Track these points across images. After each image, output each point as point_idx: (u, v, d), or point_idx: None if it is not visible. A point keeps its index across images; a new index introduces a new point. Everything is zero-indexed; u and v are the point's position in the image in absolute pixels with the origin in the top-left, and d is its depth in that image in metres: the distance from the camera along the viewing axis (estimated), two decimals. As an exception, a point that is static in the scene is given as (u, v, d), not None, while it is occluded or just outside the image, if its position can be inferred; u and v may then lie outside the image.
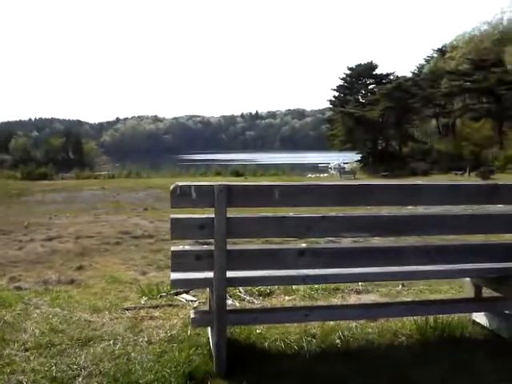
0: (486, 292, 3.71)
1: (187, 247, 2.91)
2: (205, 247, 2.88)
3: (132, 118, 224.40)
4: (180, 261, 2.86)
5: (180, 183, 2.74)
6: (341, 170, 47.19)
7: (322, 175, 51.80)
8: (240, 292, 4.48)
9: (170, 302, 4.35)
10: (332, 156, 74.24)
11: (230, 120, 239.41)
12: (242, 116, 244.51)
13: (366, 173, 50.63)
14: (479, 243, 3.32)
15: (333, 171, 53.74)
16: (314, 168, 64.12)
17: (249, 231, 2.91)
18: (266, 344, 3.28)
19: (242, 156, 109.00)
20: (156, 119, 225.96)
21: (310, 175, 50.67)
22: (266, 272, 2.94)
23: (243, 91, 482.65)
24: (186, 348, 3.15)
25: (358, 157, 60.87)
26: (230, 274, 2.84)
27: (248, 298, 4.39)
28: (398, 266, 3.12)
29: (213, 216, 2.73)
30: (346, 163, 60.02)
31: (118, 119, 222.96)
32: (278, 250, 2.96)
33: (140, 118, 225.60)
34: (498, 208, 3.59)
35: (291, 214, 2.87)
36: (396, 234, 3.39)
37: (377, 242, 5.07)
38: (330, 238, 5.59)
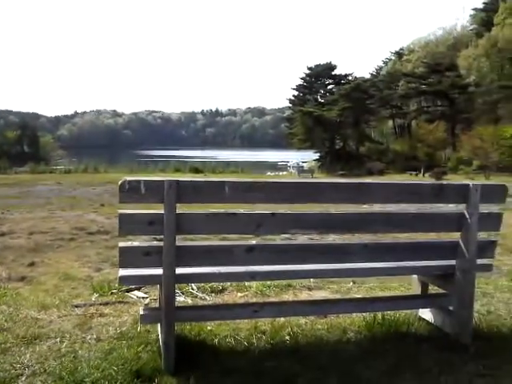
0: (434, 289, 3.82)
1: (135, 243, 2.88)
2: (154, 243, 2.85)
3: (90, 111, 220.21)
4: (128, 257, 2.83)
5: (129, 178, 2.70)
6: (299, 169, 47.64)
7: (280, 173, 52.13)
8: (192, 289, 4.47)
9: (121, 299, 4.30)
10: (291, 155, 74.89)
11: (191, 116, 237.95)
12: (203, 113, 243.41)
13: (324, 172, 51.28)
14: (425, 241, 3.42)
15: (291, 170, 54.20)
16: (274, 166, 64.48)
17: (198, 227, 2.91)
18: (216, 341, 3.28)
19: (202, 153, 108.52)
20: (115, 114, 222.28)
21: (269, 173, 50.92)
22: (215, 269, 2.94)
23: (204, 88, 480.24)
24: (134, 345, 3.12)
25: (317, 156, 61.59)
26: (179, 270, 2.83)
27: (200, 294, 4.38)
28: (347, 263, 3.18)
29: (162, 212, 2.71)
30: (305, 162, 60.67)
31: (76, 113, 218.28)
32: (227, 247, 2.96)
33: (99, 112, 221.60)
34: (443, 207, 3.69)
35: (241, 211, 2.88)
36: (345, 232, 3.45)
37: (330, 239, 5.13)
38: (287, 235, 5.64)
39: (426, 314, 3.69)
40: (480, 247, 3.27)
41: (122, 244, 2.83)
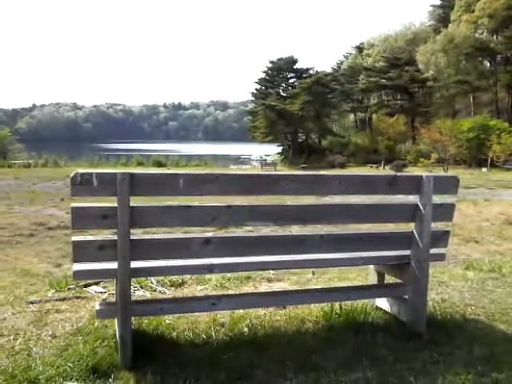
0: (391, 279, 3.88)
1: (89, 237, 2.82)
2: (108, 237, 2.80)
3: (49, 104, 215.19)
4: (82, 251, 2.77)
5: (81, 171, 2.64)
6: (262, 162, 47.83)
7: (244, 167, 52.22)
8: (152, 283, 4.43)
9: (78, 294, 4.22)
10: (254, 148, 74.99)
11: (153, 109, 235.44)
12: (165, 106, 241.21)
13: (287, 165, 51.61)
14: (381, 232, 3.47)
15: (255, 163, 54.36)
16: (237, 159, 64.49)
17: (153, 221, 2.87)
18: (175, 334, 3.26)
19: (165, 146, 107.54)
20: (75, 107, 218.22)
21: (232, 166, 50.93)
22: (172, 262, 2.91)
23: (166, 81, 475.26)
24: (91, 341, 3.06)
25: (280, 149, 61.90)
26: (134, 264, 2.79)
27: (160, 288, 4.34)
28: (304, 254, 3.20)
29: (116, 205, 2.67)
30: (268, 155, 60.92)
31: (34, 106, 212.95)
32: (184, 240, 2.93)
33: (58, 104, 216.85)
34: (398, 198, 3.75)
35: (196, 204, 2.86)
36: (301, 223, 3.47)
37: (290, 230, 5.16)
38: (249, 228, 5.64)
39: (383, 303, 3.76)
40: (434, 237, 3.34)
41: (75, 238, 2.77)
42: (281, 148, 62.76)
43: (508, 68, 54.67)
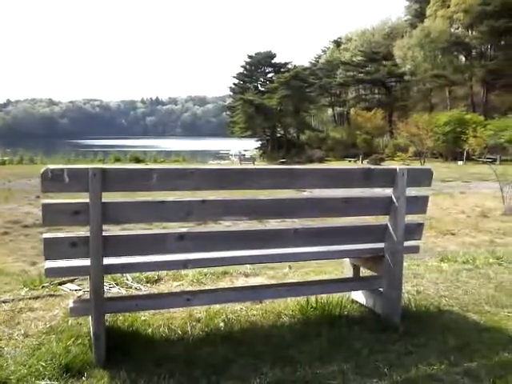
0: (367, 272, 3.90)
1: (61, 234, 2.77)
2: (80, 233, 2.76)
3: (25, 100, 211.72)
4: (54, 248, 2.73)
5: (51, 166, 2.60)
6: (241, 157, 47.79)
7: (222, 162, 52.13)
8: (127, 279, 4.39)
9: (52, 293, 4.16)
10: (233, 143, 74.85)
11: (130, 105, 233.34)
12: (143, 101, 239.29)
13: (266, 160, 51.65)
14: (355, 225, 3.47)
15: (233, 158, 54.29)
16: (216, 155, 64.35)
17: (126, 216, 2.85)
18: (150, 330, 3.23)
19: (143, 142, 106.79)
20: (51, 102, 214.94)
21: (211, 162, 50.81)
22: (146, 258, 2.88)
23: (143, 76, 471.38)
24: (64, 339, 3.01)
25: (258, 144, 61.92)
26: (107, 260, 2.76)
27: (135, 285, 4.31)
28: (279, 248, 3.20)
29: (87, 201, 2.63)
30: (247, 150, 60.89)
31: (8, 101, 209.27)
32: (157, 235, 2.91)
33: (33, 100, 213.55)
34: (372, 191, 3.77)
35: (170, 199, 2.83)
36: (276, 217, 3.47)
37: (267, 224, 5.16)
38: (228, 223, 5.62)
39: (358, 296, 3.78)
40: (408, 229, 3.37)
41: (46, 235, 2.73)
42: (259, 143, 62.76)
43: (483, 62, 55.48)
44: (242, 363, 2.82)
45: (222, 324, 3.37)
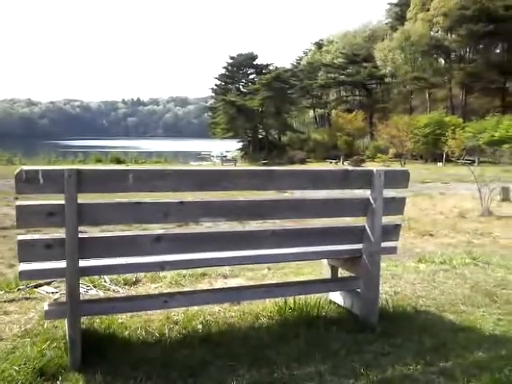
0: (345, 273, 3.92)
1: (36, 236, 2.74)
2: (55, 235, 2.72)
3: (3, 100, 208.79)
4: (29, 250, 2.69)
5: (25, 167, 2.57)
6: (223, 158, 47.76)
7: (204, 163, 52.03)
8: (105, 282, 4.35)
9: (28, 295, 4.10)
10: (215, 144, 74.75)
11: (111, 105, 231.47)
12: (124, 102, 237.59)
13: (247, 161, 51.68)
14: (333, 226, 3.48)
15: (215, 159, 54.21)
16: (197, 156, 64.18)
17: (103, 218, 2.81)
18: (127, 333, 3.20)
19: (124, 143, 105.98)
20: (30, 103, 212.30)
21: (192, 163, 50.68)
22: (123, 260, 2.86)
23: (124, 76, 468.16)
24: (39, 342, 2.98)
25: (240, 145, 61.91)
26: (84, 262, 2.73)
27: (113, 287, 4.27)
28: (257, 249, 3.20)
29: (63, 202, 2.60)
30: (228, 151, 60.85)
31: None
32: (134, 237, 2.89)
33: (12, 101, 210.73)
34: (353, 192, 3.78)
35: (147, 200, 2.82)
36: (254, 218, 3.47)
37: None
38: (209, 224, 5.61)
39: (337, 297, 3.79)
40: (385, 231, 3.39)
41: (21, 237, 2.69)
42: (241, 144, 62.77)
43: (462, 66, 56.15)
44: (219, 365, 2.82)
45: (199, 326, 3.36)
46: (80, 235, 2.67)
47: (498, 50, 59.94)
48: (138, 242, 2.87)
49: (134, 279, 4.45)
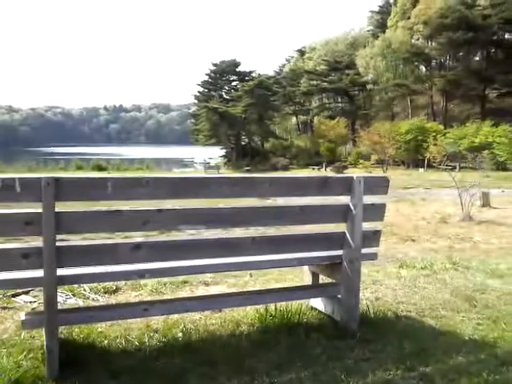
0: (326, 279, 3.92)
1: (12, 245, 2.70)
2: (32, 244, 2.69)
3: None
4: (5, 260, 2.65)
5: (2, 176, 2.53)
6: (206, 165, 47.69)
7: (187, 170, 51.94)
8: (84, 290, 4.30)
9: (5, 305, 4.04)
10: (198, 151, 74.63)
11: (93, 112, 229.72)
12: (106, 108, 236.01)
13: (230, 168, 51.68)
14: (313, 233, 3.49)
15: (198, 166, 54.15)
16: (180, 162, 64.01)
17: (81, 226, 2.79)
18: (106, 342, 3.18)
19: (106, 150, 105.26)
20: (11, 109, 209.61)
21: (175, 170, 50.54)
22: (101, 268, 2.84)
23: (106, 83, 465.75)
24: (16, 353, 2.93)
25: (223, 152, 61.90)
26: (61, 271, 2.70)
27: (93, 296, 4.23)
28: (237, 256, 3.19)
29: (40, 211, 2.57)
30: (211, 158, 60.81)
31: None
32: (112, 245, 2.86)
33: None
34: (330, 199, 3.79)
35: (126, 208, 2.80)
36: (234, 226, 3.46)
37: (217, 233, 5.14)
38: (191, 232, 5.57)
39: (318, 303, 3.80)
40: (365, 237, 3.41)
41: (-3, 246, 2.65)
42: (224, 151, 62.75)
43: (442, 73, 56.86)
44: (199, 373, 2.80)
45: (180, 334, 3.34)
46: (58, 244, 2.65)
47: (477, 58, 60.83)
48: (117, 250, 2.85)
49: (114, 287, 4.41)
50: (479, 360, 3.06)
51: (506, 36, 58.08)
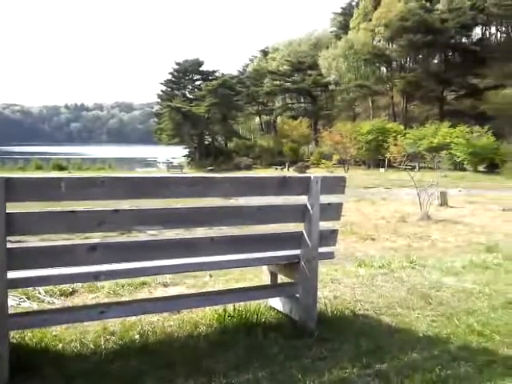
0: (285, 279, 3.94)
1: (-40, 247, 2.61)
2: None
3: None
4: (-48, 263, 2.56)
5: (-51, 177, 2.45)
6: (169, 165, 47.35)
7: (150, 169, 51.45)
8: (39, 293, 4.20)
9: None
10: (161, 150, 74.00)
11: (53, 110, 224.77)
12: (67, 106, 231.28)
13: (194, 167, 51.44)
14: (271, 233, 3.49)
15: (161, 166, 53.71)
16: (143, 162, 63.37)
17: (34, 228, 2.72)
18: (61, 346, 3.11)
19: (67, 149, 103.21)
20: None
21: (138, 169, 49.99)
22: (55, 271, 2.77)
23: (67, 81, 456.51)
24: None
25: (186, 151, 61.55)
26: (12, 274, 2.63)
27: (48, 298, 4.13)
28: (196, 257, 3.17)
29: (-9, 212, 2.49)
30: (174, 158, 60.40)
31: None
32: (67, 247, 2.80)
33: None
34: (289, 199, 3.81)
35: (81, 208, 2.74)
36: (192, 226, 3.44)
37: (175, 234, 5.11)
38: (153, 232, 5.52)
39: (276, 303, 3.81)
40: (322, 236, 3.44)
41: None
42: (187, 150, 62.38)
43: (402, 74, 57.95)
44: (155, 376, 2.77)
45: (137, 336, 3.30)
46: (9, 246, 2.57)
47: (436, 61, 62.26)
48: (71, 252, 2.79)
49: (71, 290, 4.32)
50: (433, 356, 3.13)
51: (463, 40, 59.73)
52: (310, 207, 3.34)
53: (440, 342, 3.36)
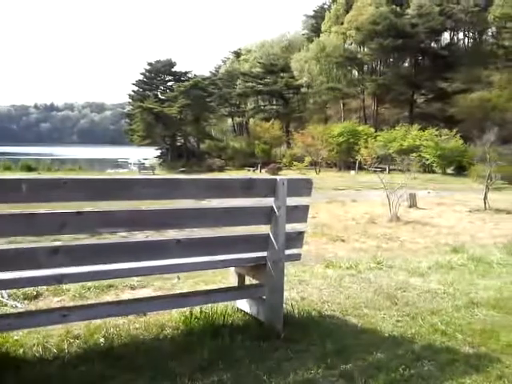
0: (252, 280, 3.93)
1: None
2: None
3: None
4: None
5: None
6: (140, 166, 46.97)
7: (121, 170, 50.93)
8: (2, 297, 4.11)
9: None
10: (132, 151, 73.33)
11: (22, 110, 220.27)
12: (36, 106, 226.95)
13: (166, 168, 51.12)
14: (238, 235, 3.50)
15: (133, 167, 53.25)
16: (114, 163, 62.68)
17: (-8, 230, 2.66)
18: (22, 351, 3.05)
19: (37, 149, 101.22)
20: None
21: (109, 171, 49.41)
22: (16, 274, 2.71)
23: (36, 80, 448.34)
24: None
25: (158, 153, 61.16)
26: (-29, 277, 2.57)
27: (11, 302, 4.04)
28: (162, 259, 3.14)
29: None
30: (146, 159, 59.94)
31: None
32: (29, 249, 2.75)
33: None
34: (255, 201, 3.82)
35: (42, 211, 2.69)
36: (158, 228, 3.42)
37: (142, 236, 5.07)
38: (123, 234, 5.45)
39: (243, 304, 3.81)
40: (289, 238, 3.46)
41: None
42: (159, 151, 62.03)
43: (373, 77, 58.68)
44: (119, 379, 2.74)
45: (102, 340, 3.26)
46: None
47: (406, 64, 63.25)
48: (33, 255, 2.74)
49: (35, 293, 4.24)
50: (397, 355, 3.17)
51: (433, 44, 60.86)
52: (276, 209, 3.34)
53: (404, 342, 3.41)
